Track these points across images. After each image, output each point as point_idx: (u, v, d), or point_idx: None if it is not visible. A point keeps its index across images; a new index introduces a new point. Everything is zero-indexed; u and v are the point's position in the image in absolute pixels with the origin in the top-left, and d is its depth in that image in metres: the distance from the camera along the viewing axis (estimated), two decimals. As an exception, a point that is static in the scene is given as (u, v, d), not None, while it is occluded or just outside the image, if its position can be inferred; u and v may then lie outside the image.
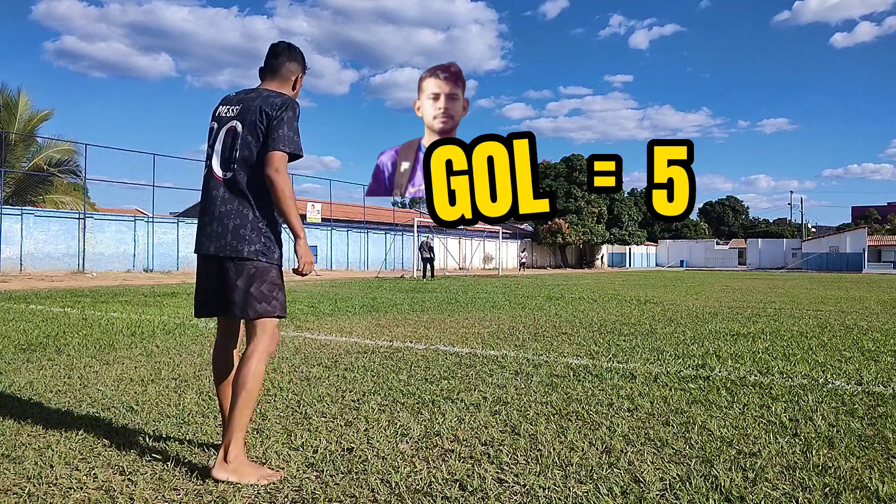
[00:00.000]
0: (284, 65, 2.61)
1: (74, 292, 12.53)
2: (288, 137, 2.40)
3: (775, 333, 6.89)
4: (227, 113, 2.53)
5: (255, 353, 2.40)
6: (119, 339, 5.76)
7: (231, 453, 2.32)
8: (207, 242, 2.47)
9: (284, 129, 2.40)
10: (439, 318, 8.29)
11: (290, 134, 2.41)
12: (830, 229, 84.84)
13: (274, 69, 2.61)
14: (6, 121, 25.28)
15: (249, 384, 2.36)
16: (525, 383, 4.08)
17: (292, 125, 2.44)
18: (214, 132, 2.53)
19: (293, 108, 2.47)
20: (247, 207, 2.43)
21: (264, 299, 2.42)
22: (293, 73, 2.63)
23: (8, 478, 2.33)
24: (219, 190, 2.48)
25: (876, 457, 2.67)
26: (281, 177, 2.37)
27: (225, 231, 2.42)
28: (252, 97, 2.50)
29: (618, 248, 62.80)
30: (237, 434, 2.34)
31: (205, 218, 2.50)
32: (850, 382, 4.20)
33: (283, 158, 2.39)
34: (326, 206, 34.98)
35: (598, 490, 2.28)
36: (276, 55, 2.62)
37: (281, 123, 2.41)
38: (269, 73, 2.62)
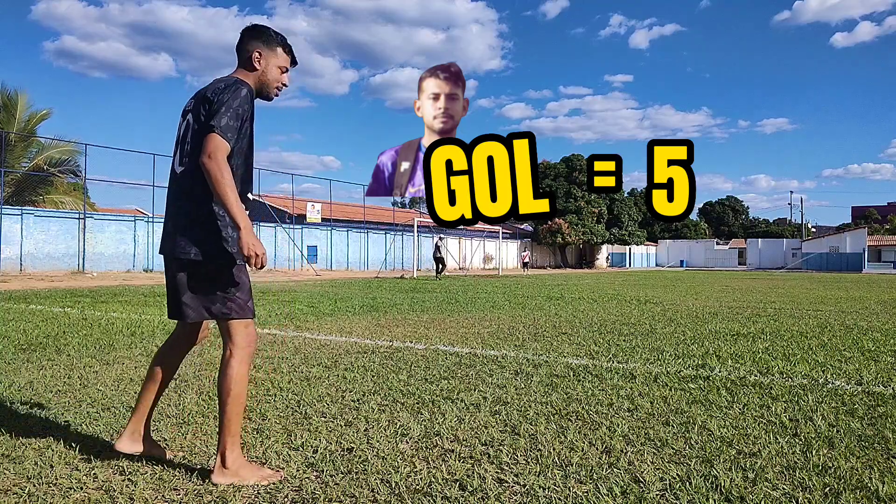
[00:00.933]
0: (244, 46, 2.46)
1: (74, 292, 12.53)
2: (221, 121, 2.23)
3: (775, 333, 6.89)
4: (186, 106, 2.44)
5: (231, 358, 2.32)
6: (119, 339, 5.76)
7: (228, 458, 2.30)
8: (162, 243, 2.41)
9: (221, 112, 2.24)
10: (439, 318, 8.29)
11: (225, 118, 2.24)
12: (830, 229, 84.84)
13: (238, 54, 2.48)
14: (6, 121, 25.28)
15: (234, 389, 2.30)
16: (525, 383, 4.08)
17: (230, 109, 2.25)
18: (179, 128, 2.46)
19: (236, 90, 2.30)
20: (197, 203, 2.30)
21: (219, 301, 2.32)
22: (251, 49, 2.45)
23: (8, 478, 2.33)
24: (172, 186, 2.40)
25: (876, 457, 2.67)
26: (213, 162, 2.18)
27: (175, 230, 2.34)
28: (205, 87, 2.40)
29: (618, 248, 62.81)
30: (231, 439, 2.31)
31: (166, 216, 2.44)
32: (850, 382, 4.20)
33: (216, 143, 2.20)
34: (326, 206, 34.97)
35: (598, 490, 2.28)
36: (239, 40, 2.49)
37: (220, 106, 2.25)
38: (238, 59, 2.50)
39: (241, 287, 2.36)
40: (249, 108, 2.35)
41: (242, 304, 2.35)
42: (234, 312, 2.33)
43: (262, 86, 2.48)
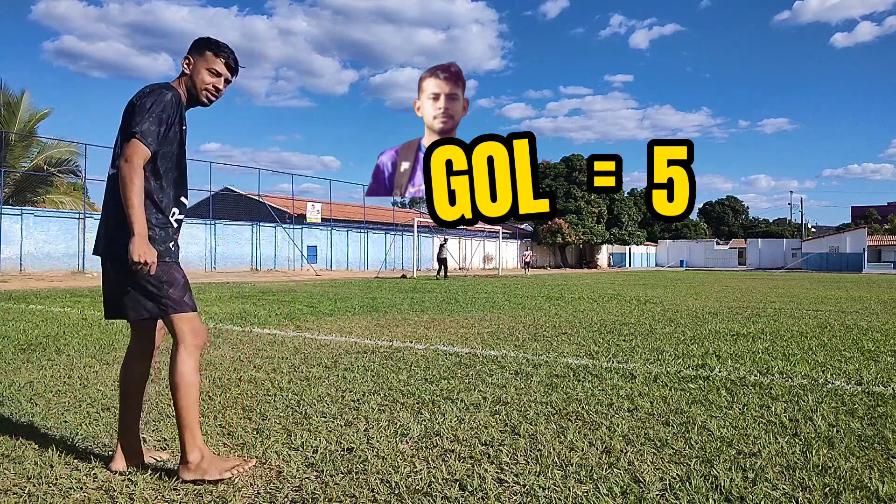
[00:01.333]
0: (184, 60, 2.53)
1: (74, 292, 12.53)
2: (139, 124, 2.28)
3: (775, 333, 6.89)
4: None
5: (176, 353, 2.38)
6: (119, 340, 5.76)
7: (190, 454, 2.32)
8: (95, 243, 2.47)
9: (141, 116, 2.29)
10: (439, 318, 8.29)
11: (146, 123, 2.29)
12: (830, 229, 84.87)
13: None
14: (6, 121, 25.29)
15: (181, 382, 2.34)
16: (525, 383, 4.08)
17: (151, 114, 2.30)
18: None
19: (159, 95, 2.35)
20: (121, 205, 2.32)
21: (153, 299, 2.35)
22: (186, 59, 2.51)
23: (8, 478, 2.33)
24: (107, 189, 2.46)
25: (876, 457, 2.67)
26: (127, 166, 2.24)
27: (106, 231, 2.40)
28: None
29: (618, 248, 62.81)
30: (188, 434, 2.34)
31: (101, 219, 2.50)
32: (850, 382, 4.20)
33: (134, 146, 2.26)
34: (326, 206, 34.98)
35: (598, 490, 2.28)
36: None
37: (139, 111, 2.30)
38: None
39: (174, 283, 2.39)
40: (174, 112, 2.40)
41: (178, 299, 2.39)
42: (171, 308, 2.37)
43: (192, 90, 2.51)
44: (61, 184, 27.18)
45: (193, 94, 2.53)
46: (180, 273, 2.44)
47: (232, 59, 2.56)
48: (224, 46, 2.55)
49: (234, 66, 2.57)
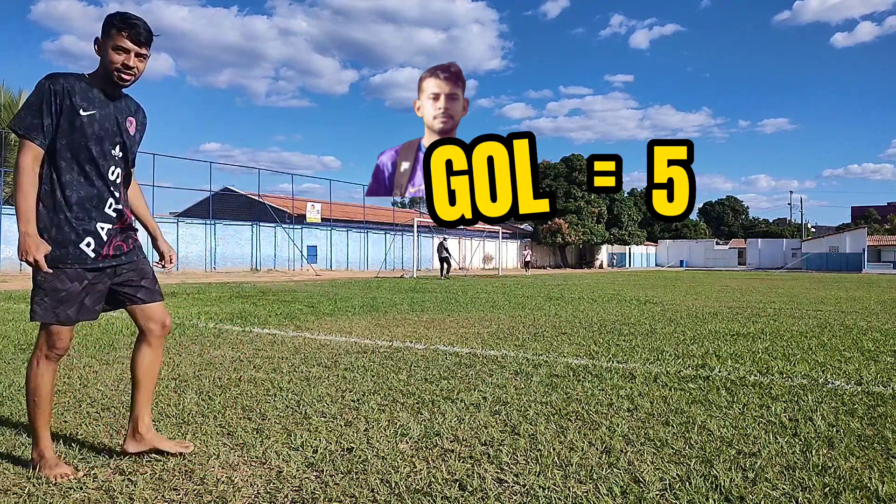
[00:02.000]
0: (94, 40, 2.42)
1: (74, 292, 12.51)
2: (17, 119, 2.26)
3: (775, 333, 6.89)
4: None
5: (32, 356, 2.41)
6: (119, 339, 5.76)
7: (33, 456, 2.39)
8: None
9: (19, 110, 2.26)
10: (439, 318, 8.29)
11: (23, 115, 2.26)
12: (830, 229, 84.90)
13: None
14: (7, 121, 25.29)
15: (28, 384, 2.40)
16: (525, 383, 4.08)
17: (28, 105, 2.27)
18: None
19: (37, 85, 2.29)
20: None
21: (31, 302, 2.34)
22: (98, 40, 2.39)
23: (8, 478, 2.33)
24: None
25: (876, 457, 2.67)
26: (16, 164, 2.25)
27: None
28: None
29: (618, 248, 62.81)
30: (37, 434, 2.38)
31: None
32: (850, 382, 4.20)
33: (21, 145, 2.25)
34: (326, 206, 34.99)
35: (598, 490, 2.28)
36: None
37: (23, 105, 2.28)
38: None
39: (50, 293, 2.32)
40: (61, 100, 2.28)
41: (47, 307, 2.33)
42: (38, 314, 2.34)
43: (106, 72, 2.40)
44: (61, 184, 27.13)
45: (107, 75, 2.39)
46: (67, 284, 2.33)
47: (135, 32, 2.37)
48: (128, 19, 2.38)
49: (140, 39, 2.39)
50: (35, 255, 2.20)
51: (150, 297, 2.59)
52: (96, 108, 2.36)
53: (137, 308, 2.57)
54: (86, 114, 2.33)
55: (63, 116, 2.29)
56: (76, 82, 2.34)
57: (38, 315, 2.33)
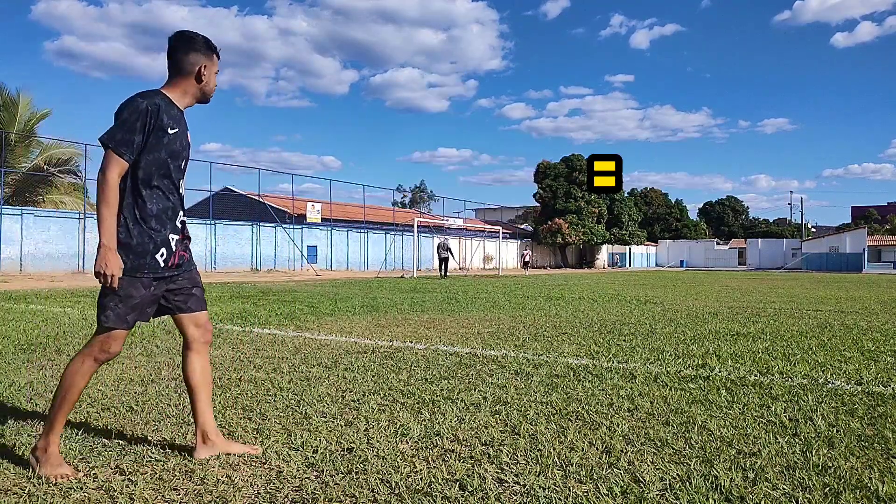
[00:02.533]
0: (183, 58, 2.50)
1: (74, 292, 12.53)
2: (109, 134, 2.33)
3: (775, 333, 6.89)
4: None
5: (78, 354, 2.45)
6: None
7: (40, 443, 2.40)
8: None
9: (113, 126, 2.34)
10: (439, 318, 8.29)
11: (116, 132, 2.33)
12: (830, 229, 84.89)
13: (174, 64, 2.52)
14: (6, 121, 25.29)
15: (65, 381, 2.42)
16: (525, 383, 4.08)
17: (124, 122, 2.34)
18: None
19: (131, 103, 2.37)
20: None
21: (101, 307, 2.40)
22: (195, 64, 2.52)
23: (8, 478, 2.33)
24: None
25: (876, 457, 2.67)
26: (100, 176, 2.30)
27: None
28: None
29: (618, 248, 62.81)
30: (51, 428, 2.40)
31: None
32: (850, 382, 4.20)
33: (108, 158, 2.31)
34: (326, 206, 34.99)
35: (598, 490, 2.28)
36: (173, 49, 2.51)
37: (113, 121, 2.36)
38: (169, 68, 2.54)
39: (125, 300, 2.38)
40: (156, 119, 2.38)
41: (120, 315, 2.39)
42: (107, 321, 2.38)
43: (199, 92, 2.58)
44: (61, 184, 27.16)
45: (198, 96, 2.58)
46: (141, 291, 2.41)
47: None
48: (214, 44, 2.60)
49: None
50: (113, 271, 2.29)
51: (198, 306, 2.65)
52: (177, 125, 2.49)
53: (186, 316, 2.62)
54: (172, 132, 2.45)
55: (152, 134, 2.38)
56: (162, 101, 2.44)
57: (111, 321, 2.38)
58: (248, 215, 33.31)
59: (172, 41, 2.51)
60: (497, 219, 61.44)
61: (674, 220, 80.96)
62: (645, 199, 79.13)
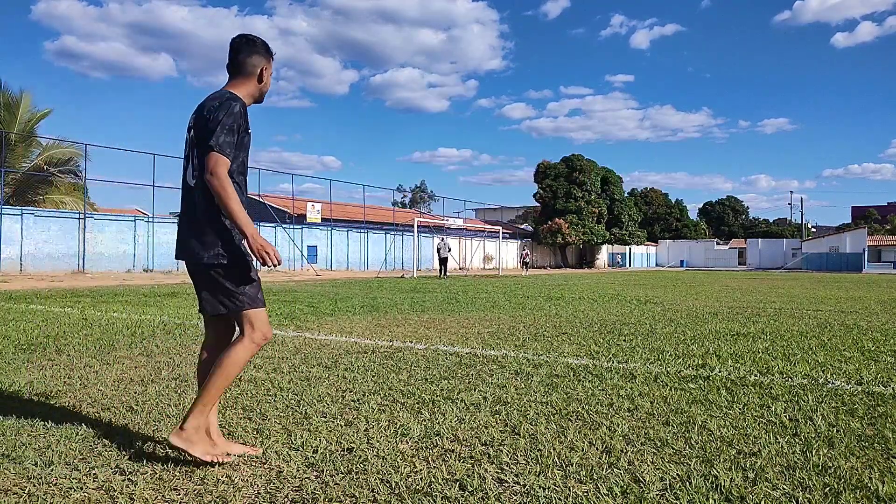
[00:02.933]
0: (246, 60, 2.64)
1: (74, 292, 12.53)
2: (215, 137, 2.42)
3: (775, 333, 6.89)
4: (189, 121, 2.64)
5: (238, 342, 2.54)
6: (119, 339, 5.76)
7: (189, 423, 2.45)
8: (179, 248, 2.62)
9: (217, 129, 2.43)
10: (439, 318, 8.29)
11: (219, 135, 2.43)
12: (830, 229, 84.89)
13: (237, 66, 2.65)
14: (7, 121, 25.30)
15: (227, 368, 2.49)
16: (525, 383, 4.08)
17: (224, 125, 2.44)
18: (186, 141, 2.65)
19: (228, 107, 2.48)
20: (209, 214, 2.50)
21: (231, 296, 2.53)
22: (257, 66, 2.66)
23: (8, 478, 2.33)
24: (186, 197, 2.60)
25: (876, 457, 2.67)
26: (216, 179, 2.39)
27: (191, 237, 2.54)
28: (202, 103, 2.59)
29: (618, 248, 62.79)
30: (199, 408, 2.47)
31: (180, 225, 2.65)
32: (850, 382, 4.20)
33: (216, 159, 2.41)
34: (326, 206, 34.98)
35: (598, 490, 2.28)
36: (236, 52, 2.64)
37: (214, 124, 2.44)
38: (232, 70, 2.66)
39: (250, 282, 2.57)
40: (244, 121, 2.54)
41: (253, 296, 2.57)
42: (246, 304, 2.55)
43: (256, 93, 2.72)
44: (62, 184, 27.18)
45: (256, 96, 2.72)
46: (255, 272, 2.60)
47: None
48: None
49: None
50: (270, 249, 2.42)
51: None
52: (249, 126, 2.63)
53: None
54: (249, 132, 2.62)
55: (240, 135, 2.53)
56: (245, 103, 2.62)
57: (260, 301, 2.59)
58: (249, 215, 33.25)
59: (236, 44, 2.64)
60: (497, 219, 61.44)
61: (674, 220, 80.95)
62: (645, 199, 79.15)
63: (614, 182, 57.66)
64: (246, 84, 2.65)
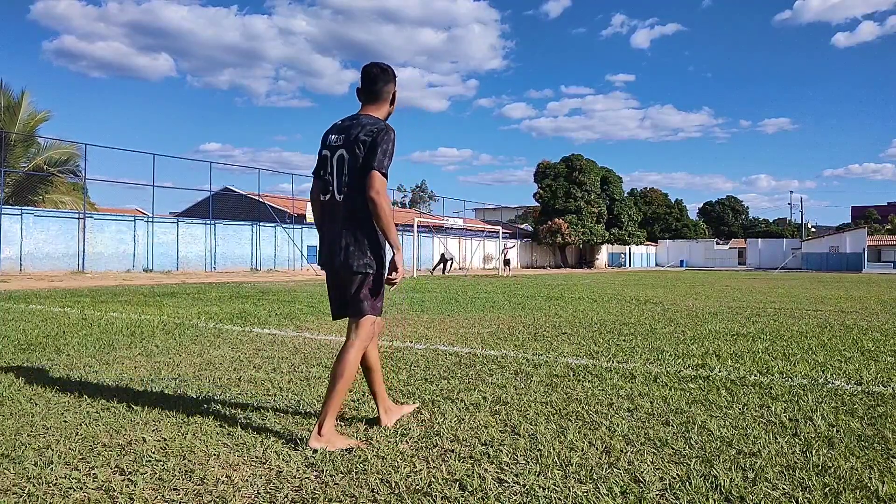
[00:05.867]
0: (383, 88, 2.94)
1: (74, 292, 12.53)
2: (378, 159, 2.72)
3: (775, 333, 6.89)
4: (335, 142, 2.86)
5: (350, 347, 2.80)
6: (119, 339, 5.76)
7: (325, 427, 2.71)
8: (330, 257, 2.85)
9: (380, 153, 2.73)
10: (439, 318, 8.29)
11: (381, 157, 2.73)
12: (830, 229, 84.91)
13: (375, 94, 2.94)
14: (7, 121, 25.29)
15: (346, 372, 2.75)
16: (525, 383, 4.08)
17: (388, 154, 2.76)
18: (329, 160, 2.87)
19: (388, 133, 2.79)
20: (361, 227, 2.78)
21: (367, 301, 2.82)
22: (390, 91, 2.98)
23: (8, 478, 2.33)
24: (335, 210, 2.84)
25: (876, 457, 2.67)
26: (381, 198, 2.70)
27: (344, 247, 2.79)
28: (354, 125, 2.84)
29: (618, 248, 62.79)
30: (331, 412, 2.72)
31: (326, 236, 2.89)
32: (850, 382, 4.20)
33: (382, 182, 2.72)
34: (326, 206, 34.93)
35: (598, 490, 2.28)
36: (373, 81, 2.93)
37: (381, 151, 2.73)
38: (369, 97, 2.94)
39: (379, 291, 2.87)
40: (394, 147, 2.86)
41: (378, 305, 2.88)
42: (368, 310, 2.84)
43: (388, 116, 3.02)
44: (61, 184, 27.17)
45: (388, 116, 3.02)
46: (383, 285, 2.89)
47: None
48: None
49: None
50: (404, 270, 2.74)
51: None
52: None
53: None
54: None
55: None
56: None
57: (380, 310, 2.90)
58: (248, 215, 33.31)
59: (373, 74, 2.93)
60: (497, 219, 61.44)
61: (674, 219, 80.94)
62: (645, 199, 79.15)
63: (614, 182, 57.66)
64: (383, 107, 2.96)
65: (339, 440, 2.73)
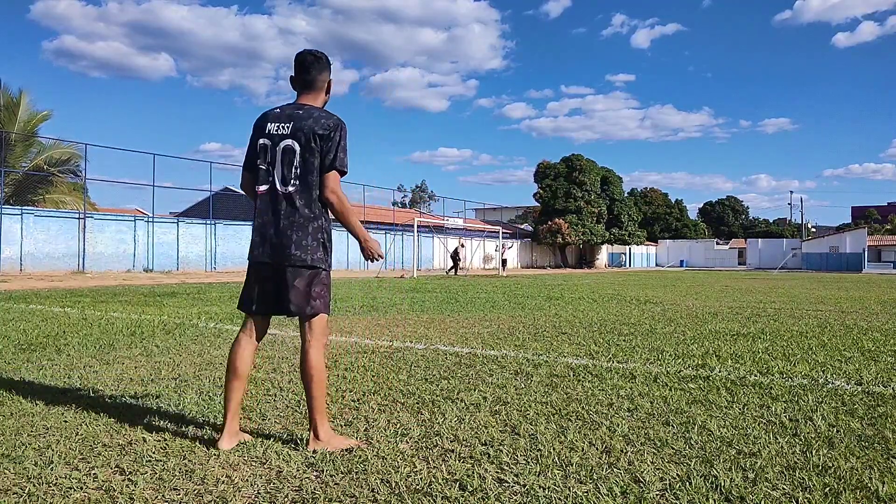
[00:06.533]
0: (317, 77, 2.84)
1: (74, 292, 12.53)
2: (340, 158, 2.70)
3: (775, 333, 6.89)
4: (278, 130, 2.75)
5: (310, 348, 2.73)
6: (119, 339, 5.76)
7: (321, 431, 2.70)
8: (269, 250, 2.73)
9: (340, 152, 2.70)
10: (439, 318, 8.29)
11: (341, 155, 2.71)
12: (830, 229, 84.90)
13: (310, 83, 2.84)
14: (7, 121, 25.29)
15: (315, 374, 2.70)
16: (525, 383, 4.08)
17: (343, 146, 2.73)
18: (269, 149, 2.75)
19: (343, 129, 2.75)
20: (306, 220, 2.69)
21: (316, 298, 2.73)
22: (325, 80, 2.88)
23: (8, 478, 2.33)
24: (277, 202, 2.72)
25: (876, 457, 2.67)
26: (336, 197, 2.69)
27: (288, 240, 2.69)
28: (303, 116, 2.73)
29: (618, 248, 62.79)
30: (318, 416, 2.70)
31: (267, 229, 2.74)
32: (850, 382, 4.20)
33: (337, 179, 2.70)
34: (326, 206, 34.95)
35: (598, 490, 2.27)
36: (307, 70, 2.82)
37: (335, 146, 2.68)
38: (305, 86, 2.85)
39: (330, 288, 2.83)
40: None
41: (328, 302, 2.80)
42: (323, 308, 2.77)
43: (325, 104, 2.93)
44: (61, 184, 27.17)
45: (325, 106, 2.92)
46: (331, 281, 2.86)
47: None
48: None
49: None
50: (380, 250, 2.83)
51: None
52: None
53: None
54: None
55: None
56: None
57: (329, 308, 2.83)
58: (248, 215, 33.27)
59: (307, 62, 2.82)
60: (497, 219, 61.45)
61: (674, 219, 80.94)
62: (645, 199, 79.14)
63: (614, 182, 57.65)
64: (320, 96, 2.87)
65: (338, 440, 2.72)
